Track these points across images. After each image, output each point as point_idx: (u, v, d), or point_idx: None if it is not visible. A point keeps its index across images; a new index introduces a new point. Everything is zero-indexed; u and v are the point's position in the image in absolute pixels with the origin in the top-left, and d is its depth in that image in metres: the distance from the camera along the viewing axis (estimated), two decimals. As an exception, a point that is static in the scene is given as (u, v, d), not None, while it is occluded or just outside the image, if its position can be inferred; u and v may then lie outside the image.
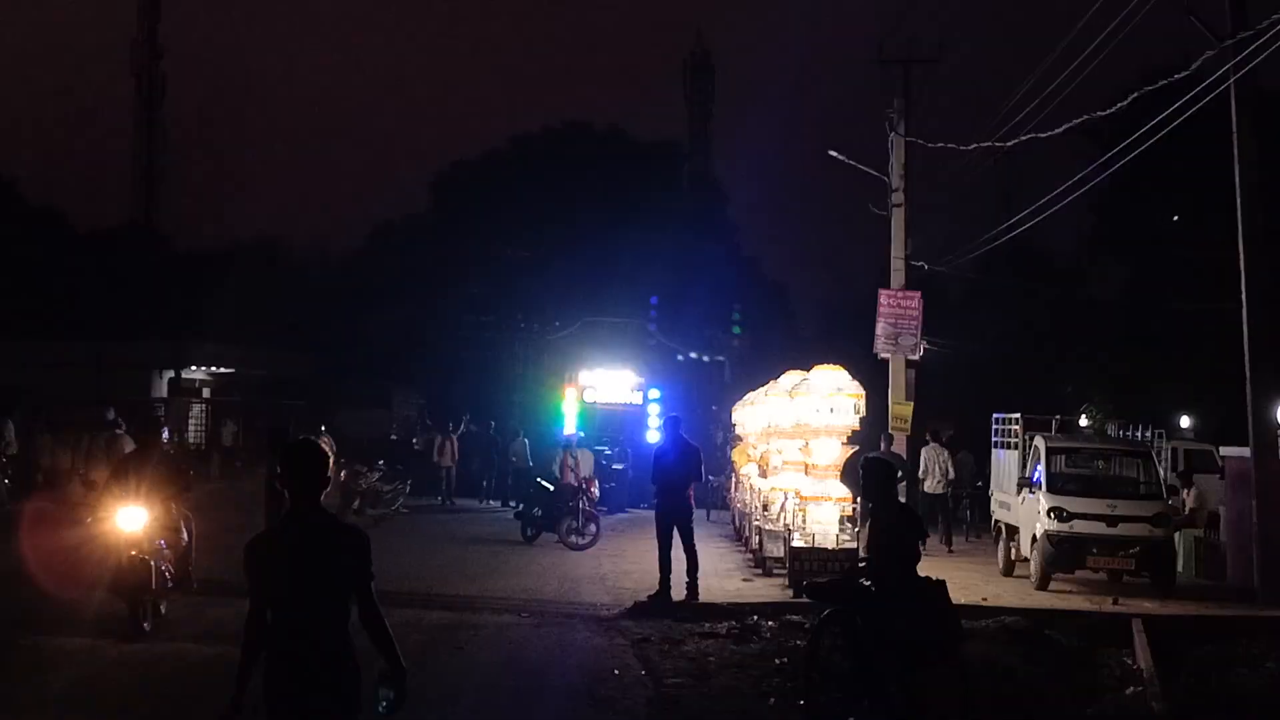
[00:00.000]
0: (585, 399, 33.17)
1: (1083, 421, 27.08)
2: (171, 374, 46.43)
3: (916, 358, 25.49)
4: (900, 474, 23.03)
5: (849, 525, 17.98)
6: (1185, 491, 23.38)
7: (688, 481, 17.48)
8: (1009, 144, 23.32)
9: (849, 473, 18.38)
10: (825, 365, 18.57)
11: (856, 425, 18.60)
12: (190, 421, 43.83)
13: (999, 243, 26.99)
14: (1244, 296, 18.56)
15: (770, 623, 15.17)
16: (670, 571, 16.67)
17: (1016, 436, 22.05)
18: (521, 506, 25.06)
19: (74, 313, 50.52)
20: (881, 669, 9.53)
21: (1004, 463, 22.77)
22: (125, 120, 63.01)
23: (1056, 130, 21.16)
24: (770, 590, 17.91)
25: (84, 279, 52.36)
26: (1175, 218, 37.62)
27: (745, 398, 27.64)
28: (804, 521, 17.92)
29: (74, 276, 52.51)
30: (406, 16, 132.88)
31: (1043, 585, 19.06)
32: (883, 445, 23.53)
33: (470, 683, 11.93)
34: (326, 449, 6.60)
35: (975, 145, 24.58)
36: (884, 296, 25.57)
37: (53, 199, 63.71)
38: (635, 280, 48.26)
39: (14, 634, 12.90)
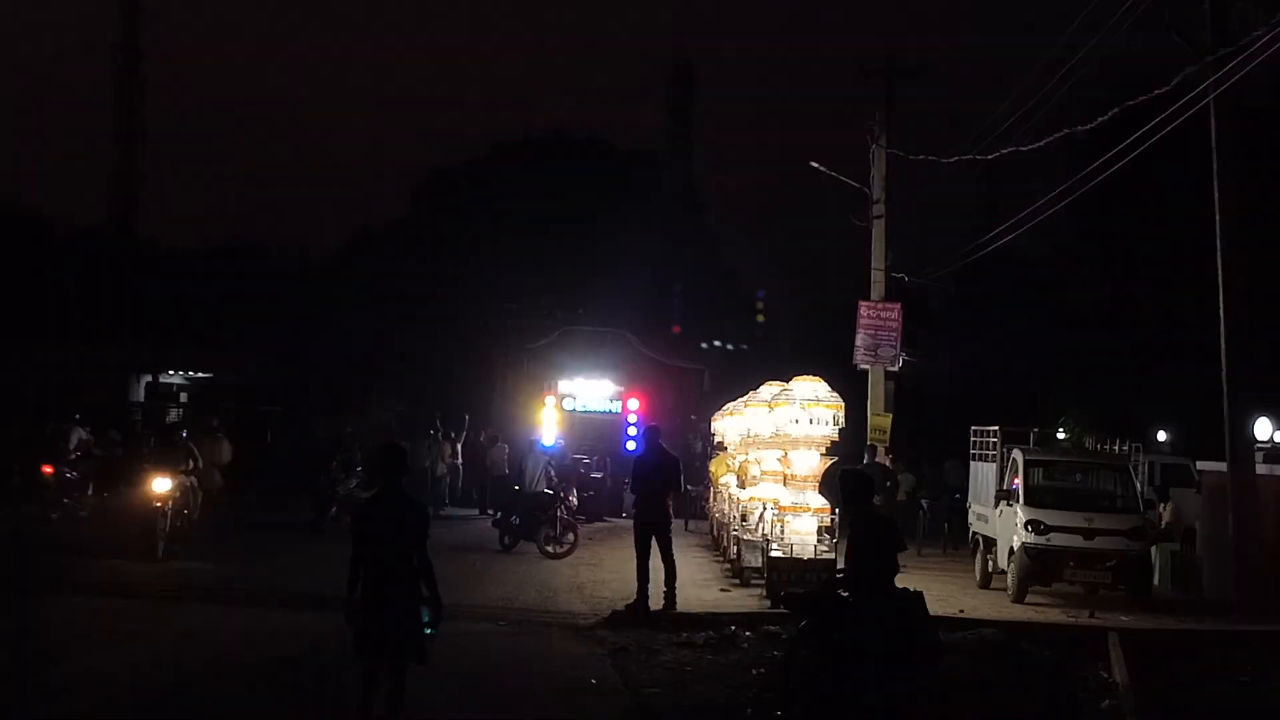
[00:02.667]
0: (564, 407, 33.09)
1: (1060, 434, 27.17)
2: (149, 378, 46.20)
3: (896, 369, 25.50)
4: (890, 484, 23.06)
5: (827, 536, 17.99)
6: (1162, 505, 23.46)
7: (666, 491, 17.46)
8: (990, 156, 23.39)
9: (827, 484, 18.40)
10: (804, 376, 18.57)
11: (835, 436, 18.60)
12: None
13: (979, 255, 27.04)
14: (1222, 310, 18.62)
15: (748, 633, 15.15)
16: (648, 581, 16.63)
17: (994, 449, 22.09)
18: (499, 515, 24.97)
19: (51, 315, 50.25)
20: (859, 680, 9.53)
21: (982, 475, 22.80)
22: (104, 121, 62.62)
23: (1037, 144, 21.26)
24: (748, 601, 17.89)
25: (61, 281, 52.11)
26: (1154, 232, 37.71)
27: (724, 407, 27.62)
28: (782, 532, 17.92)
29: (51, 279, 52.24)
30: (389, 24, 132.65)
31: (1019, 598, 19.10)
32: (866, 457, 23.55)
33: (446, 691, 11.87)
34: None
35: (956, 157, 24.65)
36: (864, 308, 25.58)
37: (30, 200, 63.22)
38: (614, 289, 48.25)
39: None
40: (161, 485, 20.00)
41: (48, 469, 26.37)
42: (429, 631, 9.26)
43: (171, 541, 20.03)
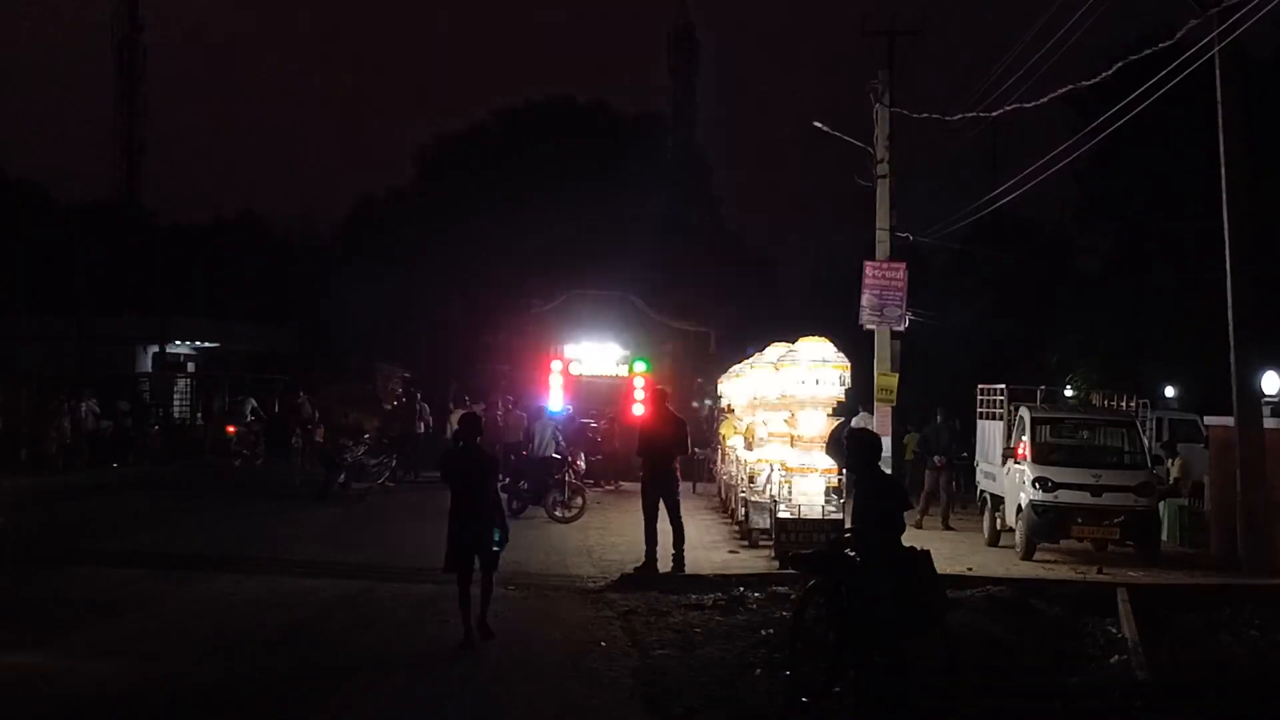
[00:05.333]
0: (570, 372, 33.08)
1: (1068, 392, 27.12)
2: (156, 349, 46.29)
3: (902, 329, 25.44)
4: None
5: (834, 497, 18.00)
6: (1170, 461, 23.44)
7: (674, 454, 17.48)
8: (993, 114, 23.27)
9: (834, 444, 18.41)
10: (810, 337, 18.54)
11: (842, 397, 18.60)
12: (175, 396, 43.67)
13: (984, 214, 26.95)
14: (1228, 266, 18.56)
15: (756, 594, 15.19)
16: (656, 544, 16.67)
17: (1001, 407, 22.08)
18: (508, 480, 24.99)
19: (57, 287, 50.31)
20: (867, 639, 9.55)
21: (989, 433, 22.80)
22: (106, 93, 62.57)
23: (1041, 100, 21.13)
24: (756, 562, 17.92)
25: (67, 253, 52.10)
26: (1160, 188, 37.55)
27: (731, 370, 27.61)
28: (789, 493, 17.95)
29: (56, 250, 52.26)
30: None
31: (1028, 555, 19.12)
32: (854, 421, 23.39)
33: (456, 654, 11.93)
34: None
35: (960, 115, 24.52)
36: (869, 268, 25.49)
37: (34, 173, 63.23)
38: (620, 253, 48.17)
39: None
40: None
41: (230, 429, 33.77)
42: (496, 549, 12.40)
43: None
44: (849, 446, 10.36)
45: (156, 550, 17.85)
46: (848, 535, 10.12)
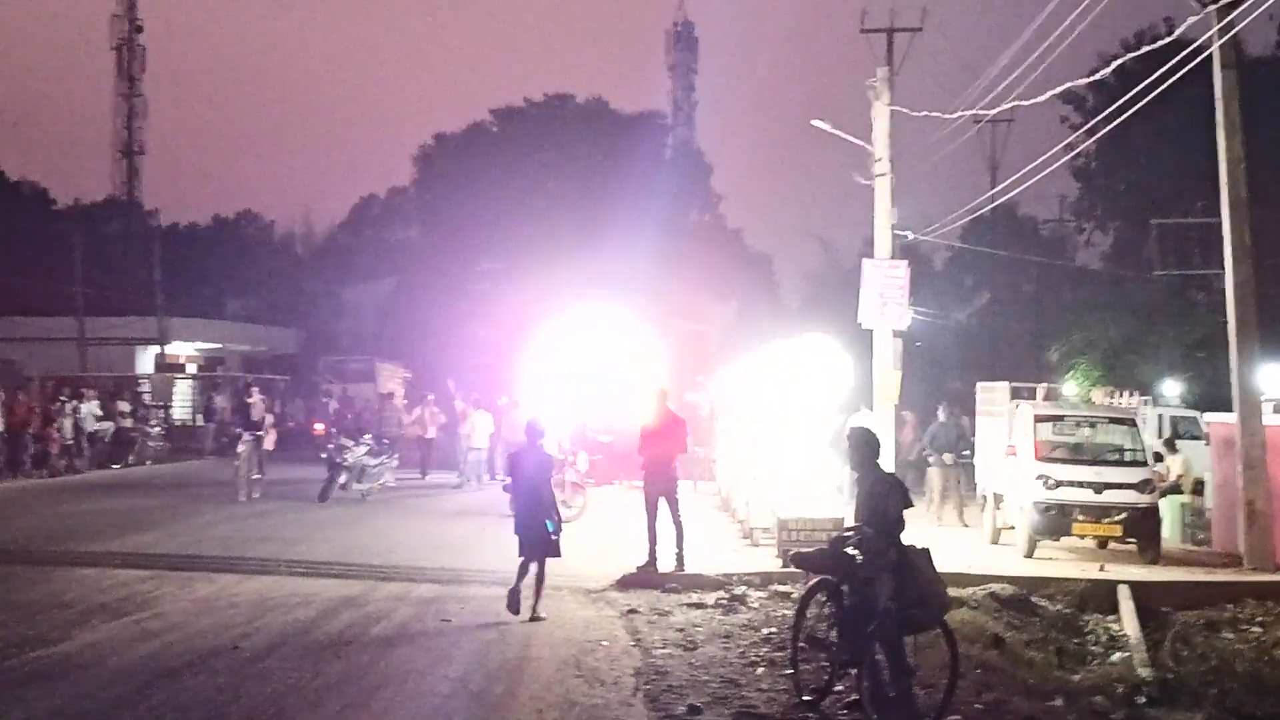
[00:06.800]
0: (571, 370, 33.03)
1: (1069, 389, 27.12)
2: (157, 350, 46.33)
3: (903, 327, 25.43)
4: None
5: (836, 495, 18.00)
6: (1171, 458, 23.45)
7: (674, 453, 17.47)
8: (992, 112, 23.29)
9: (835, 442, 18.42)
10: (811, 335, 18.54)
11: (843, 395, 18.59)
12: (176, 397, 43.71)
13: (984, 211, 26.96)
14: (1228, 262, 18.56)
15: (758, 593, 15.21)
16: (658, 543, 16.68)
17: (1002, 405, 22.08)
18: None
19: (57, 288, 50.32)
20: (868, 637, 9.55)
21: (990, 431, 22.80)
22: (106, 94, 62.59)
23: (1040, 98, 21.14)
24: (757, 560, 17.90)
25: (67, 254, 52.13)
26: (1160, 185, 37.57)
27: (731, 368, 27.59)
28: (791, 492, 17.93)
29: (56, 251, 52.27)
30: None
31: (1030, 552, 19.12)
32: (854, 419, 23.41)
33: (459, 654, 11.94)
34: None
35: (959, 114, 24.54)
36: (869, 266, 25.44)
37: (34, 173, 63.24)
38: (619, 251, 48.18)
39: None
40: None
41: (320, 428, 35.04)
42: (554, 535, 13.80)
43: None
44: (849, 444, 10.37)
45: (158, 551, 17.86)
46: (849, 533, 10.12)
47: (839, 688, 10.11)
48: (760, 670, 11.29)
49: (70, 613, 13.43)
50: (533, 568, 13.74)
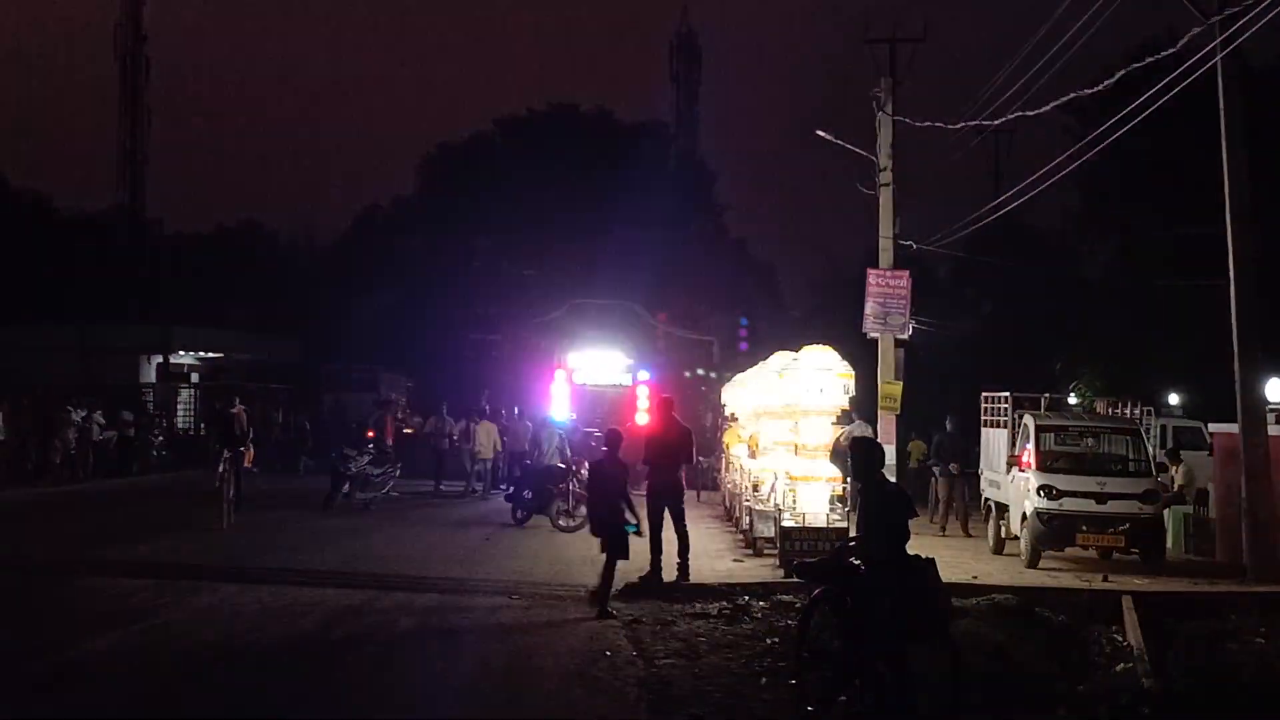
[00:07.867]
0: (575, 381, 33.08)
1: (1072, 399, 27.12)
2: (159, 359, 46.31)
3: (905, 337, 25.45)
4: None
5: (839, 505, 18.00)
6: (1174, 468, 23.42)
7: (679, 463, 17.48)
8: (996, 122, 23.31)
9: (838, 453, 18.42)
10: (814, 345, 18.55)
11: (846, 405, 18.60)
12: (179, 406, 43.70)
13: (987, 221, 26.95)
14: (1232, 273, 18.55)
15: (761, 603, 15.19)
16: (661, 553, 16.66)
17: (1006, 415, 22.07)
18: (512, 489, 25.03)
19: (60, 297, 50.37)
20: (872, 648, 9.54)
21: (993, 441, 22.79)
22: (110, 103, 62.63)
23: (1043, 109, 21.15)
24: (761, 570, 17.91)
25: (70, 263, 52.21)
26: (1163, 195, 37.52)
27: (735, 378, 27.60)
28: (794, 501, 17.95)
29: (59, 260, 52.32)
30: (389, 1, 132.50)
31: (1033, 563, 19.11)
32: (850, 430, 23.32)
33: (462, 664, 11.93)
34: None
35: (962, 124, 24.55)
36: (872, 276, 25.50)
37: (37, 182, 63.31)
38: (623, 261, 48.20)
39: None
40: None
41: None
42: (632, 530, 15.25)
43: None
44: (851, 455, 10.37)
45: (162, 560, 17.85)
46: (852, 544, 10.11)
47: (843, 698, 10.09)
48: (764, 681, 11.27)
49: (75, 622, 13.43)
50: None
